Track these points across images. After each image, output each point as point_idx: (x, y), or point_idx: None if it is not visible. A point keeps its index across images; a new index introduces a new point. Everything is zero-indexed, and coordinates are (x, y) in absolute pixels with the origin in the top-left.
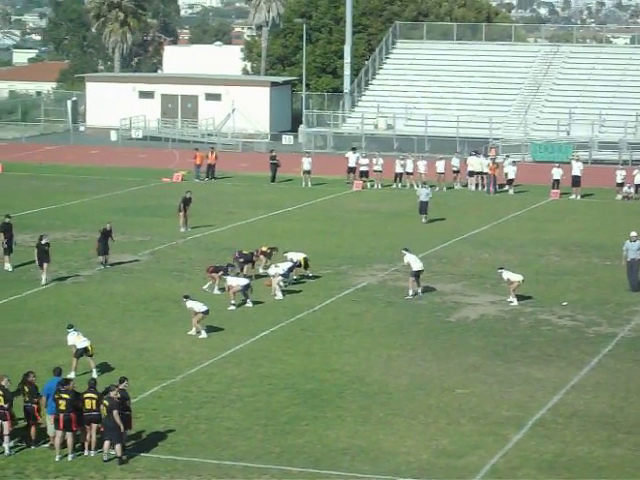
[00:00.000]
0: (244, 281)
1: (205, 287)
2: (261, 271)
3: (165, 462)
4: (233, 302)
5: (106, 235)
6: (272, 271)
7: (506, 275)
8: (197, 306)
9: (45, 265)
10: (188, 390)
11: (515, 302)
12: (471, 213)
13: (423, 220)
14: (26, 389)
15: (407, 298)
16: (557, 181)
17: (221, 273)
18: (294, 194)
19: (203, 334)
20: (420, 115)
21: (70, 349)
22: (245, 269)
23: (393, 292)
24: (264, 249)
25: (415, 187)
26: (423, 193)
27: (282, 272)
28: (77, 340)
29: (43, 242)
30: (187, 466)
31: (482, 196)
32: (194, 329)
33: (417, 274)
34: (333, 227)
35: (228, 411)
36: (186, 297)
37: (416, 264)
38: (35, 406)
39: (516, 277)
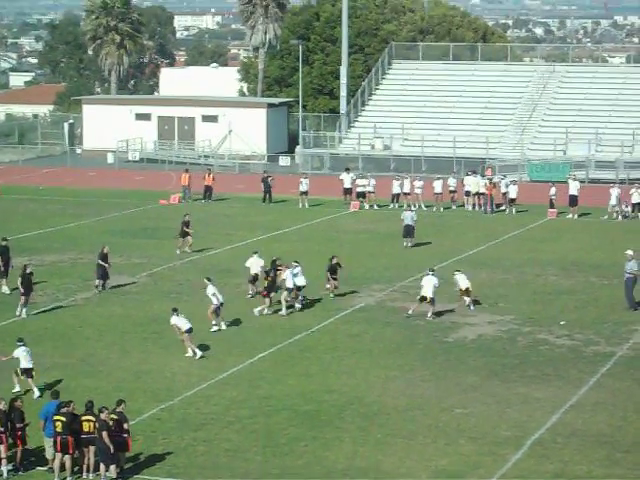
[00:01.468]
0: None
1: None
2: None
3: None
4: (214, 323)
5: (104, 258)
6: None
7: (457, 279)
8: (181, 322)
9: (24, 298)
10: (186, 412)
11: (472, 307)
12: (468, 233)
13: (405, 244)
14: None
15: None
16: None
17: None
18: (291, 215)
19: (198, 353)
20: (417, 135)
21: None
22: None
23: (391, 313)
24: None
25: (413, 207)
26: (408, 217)
27: (290, 286)
28: (23, 359)
29: (28, 272)
30: None
31: (479, 216)
32: (189, 350)
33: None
34: (330, 248)
35: (227, 433)
36: (174, 310)
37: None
38: (19, 432)
39: (463, 284)
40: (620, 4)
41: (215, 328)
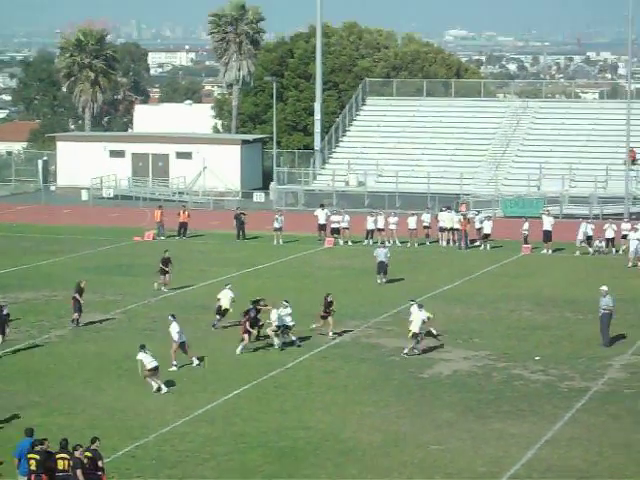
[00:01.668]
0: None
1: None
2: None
3: None
4: (174, 363)
5: (80, 292)
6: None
7: (413, 313)
8: (147, 360)
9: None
10: (161, 449)
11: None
12: (443, 269)
13: (378, 281)
14: None
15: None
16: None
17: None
18: (265, 252)
19: (164, 389)
20: (391, 171)
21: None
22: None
23: (366, 349)
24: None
25: (388, 243)
26: (382, 253)
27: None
28: None
29: (4, 313)
30: None
31: (453, 252)
32: (154, 385)
33: None
34: (305, 284)
35: (202, 470)
36: (142, 347)
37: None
38: None
39: (413, 326)
40: (593, 40)
41: (174, 368)
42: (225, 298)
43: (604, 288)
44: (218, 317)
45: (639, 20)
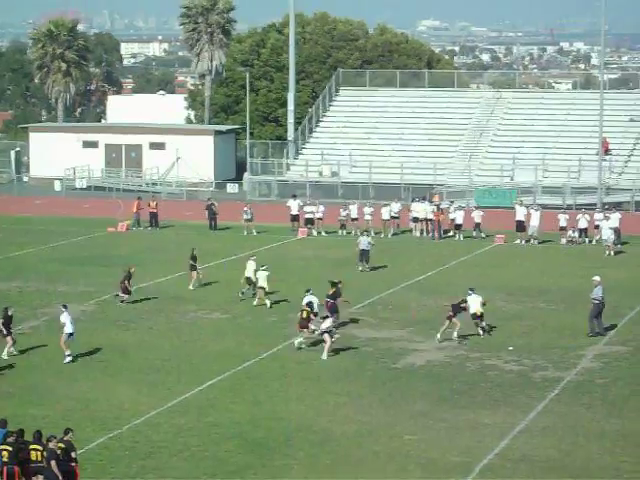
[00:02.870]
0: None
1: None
2: None
3: None
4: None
5: (128, 278)
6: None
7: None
8: (67, 324)
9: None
10: (135, 440)
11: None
12: (416, 259)
13: (360, 268)
14: None
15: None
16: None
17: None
18: (239, 242)
19: (67, 358)
20: (364, 162)
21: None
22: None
23: (340, 340)
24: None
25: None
26: (364, 242)
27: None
28: None
29: (9, 314)
30: None
31: (427, 242)
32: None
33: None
34: (278, 275)
35: (176, 461)
36: (65, 307)
37: (474, 306)
38: None
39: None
40: (566, 30)
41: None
42: (250, 270)
43: (597, 278)
44: (247, 287)
45: (612, 10)
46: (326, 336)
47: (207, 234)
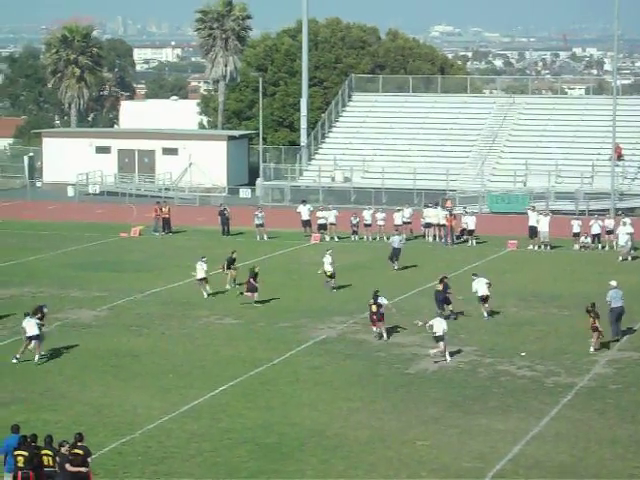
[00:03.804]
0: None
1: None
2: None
3: None
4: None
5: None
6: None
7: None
8: (29, 327)
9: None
10: (147, 446)
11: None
12: (429, 265)
13: (395, 267)
14: None
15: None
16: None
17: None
18: (252, 248)
19: (36, 358)
20: (377, 167)
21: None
22: None
23: (352, 345)
24: None
25: (370, 239)
26: (396, 240)
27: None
28: None
29: (45, 312)
30: None
31: (440, 248)
32: (36, 355)
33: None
34: (291, 280)
35: (188, 466)
36: (26, 314)
37: (482, 289)
38: None
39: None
40: (579, 36)
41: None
42: (327, 262)
43: (613, 283)
44: (327, 280)
45: (625, 16)
46: (441, 344)
47: (220, 239)
